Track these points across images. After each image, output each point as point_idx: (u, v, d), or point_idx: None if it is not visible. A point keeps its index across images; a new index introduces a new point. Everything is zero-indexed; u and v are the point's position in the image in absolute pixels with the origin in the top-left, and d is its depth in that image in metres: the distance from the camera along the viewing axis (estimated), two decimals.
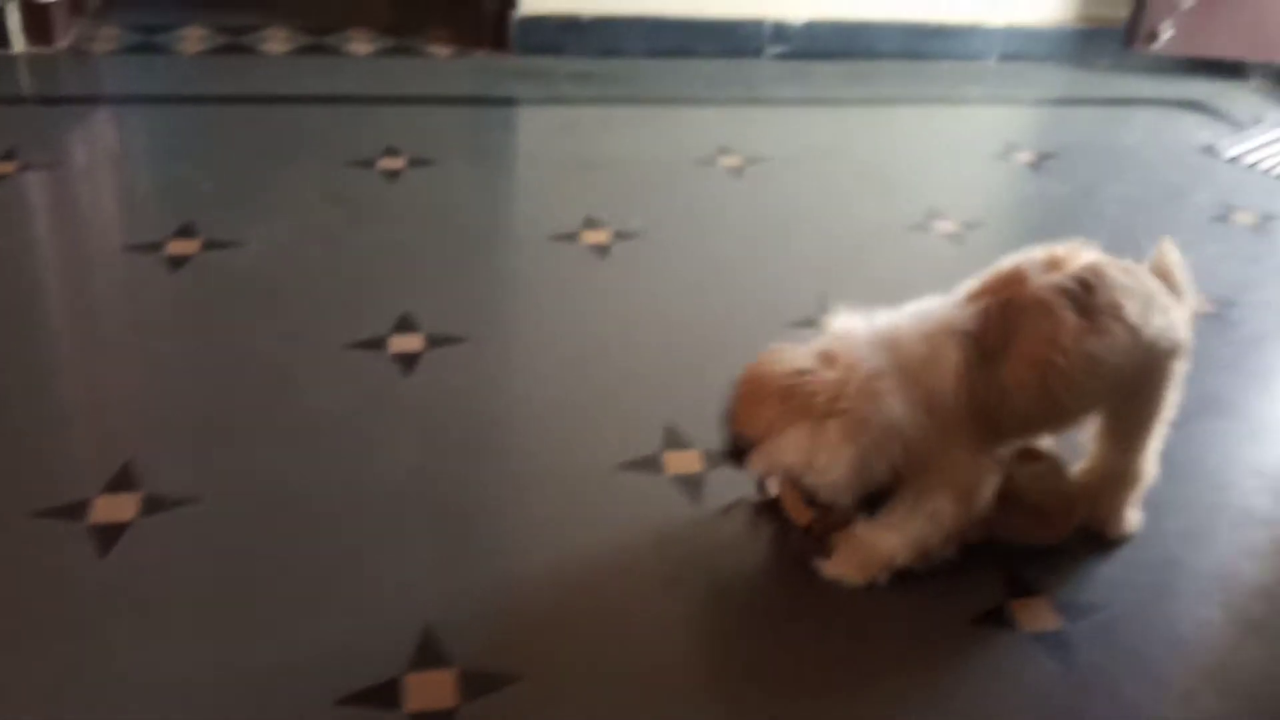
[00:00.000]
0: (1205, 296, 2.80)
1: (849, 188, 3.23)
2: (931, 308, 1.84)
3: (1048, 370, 1.75)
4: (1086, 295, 1.77)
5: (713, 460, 2.09)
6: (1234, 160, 3.64)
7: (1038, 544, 1.96)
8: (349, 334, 2.37)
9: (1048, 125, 3.91)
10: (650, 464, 2.10)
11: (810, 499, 1.88)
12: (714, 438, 2.12)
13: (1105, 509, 2.01)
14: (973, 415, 1.76)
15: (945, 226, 3.02)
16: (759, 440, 1.77)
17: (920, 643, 1.80)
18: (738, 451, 1.82)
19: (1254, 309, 2.79)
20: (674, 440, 2.15)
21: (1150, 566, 1.96)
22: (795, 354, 1.77)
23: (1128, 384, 1.87)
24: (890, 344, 1.76)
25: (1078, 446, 2.02)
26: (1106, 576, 1.93)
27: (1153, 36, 4.08)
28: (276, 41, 3.80)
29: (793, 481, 1.84)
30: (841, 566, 1.88)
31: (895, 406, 1.71)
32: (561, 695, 1.64)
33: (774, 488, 1.99)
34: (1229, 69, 4.32)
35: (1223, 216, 3.26)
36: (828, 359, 1.74)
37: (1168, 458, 2.19)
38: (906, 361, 1.75)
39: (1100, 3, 4.23)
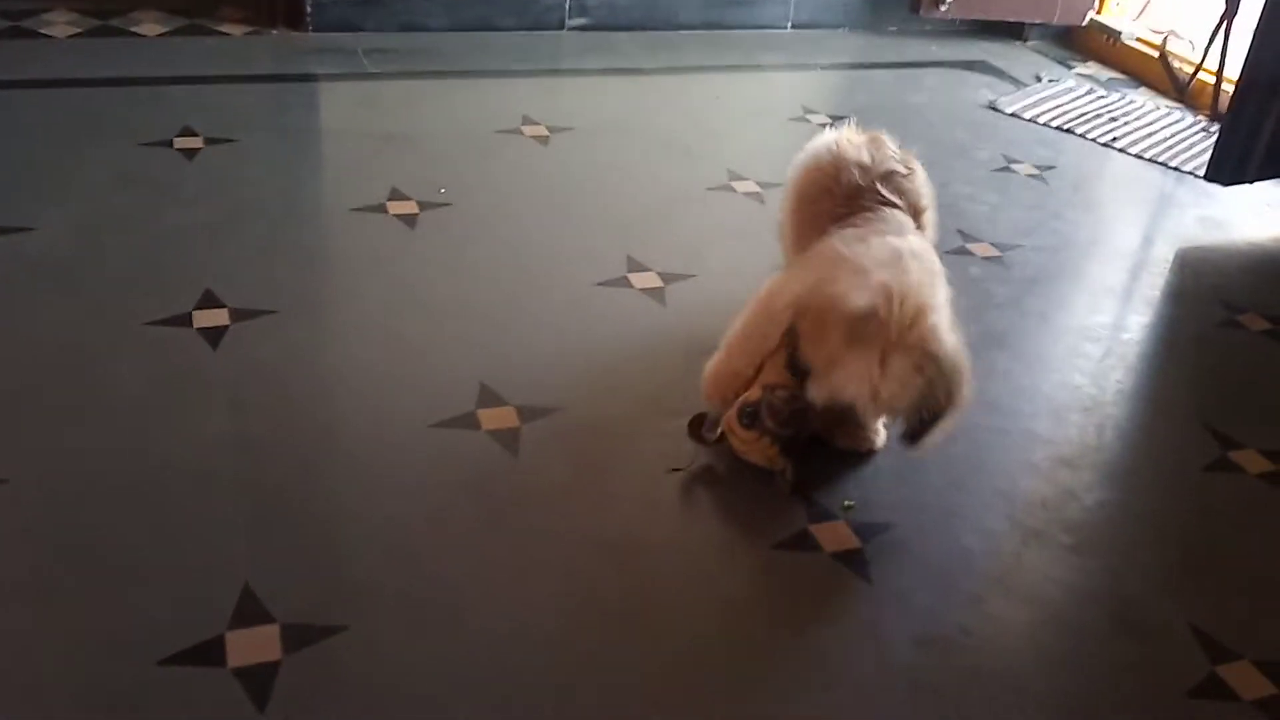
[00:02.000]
0: (987, 243, 3.00)
1: (652, 154, 3.31)
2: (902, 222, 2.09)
3: (927, 204, 2.27)
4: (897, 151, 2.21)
5: (526, 414, 2.16)
6: (1014, 116, 3.87)
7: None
8: (151, 312, 2.33)
9: (841, 89, 4.07)
10: (466, 420, 2.14)
11: (786, 446, 1.99)
12: (528, 393, 2.20)
13: None
14: None
15: (746, 187, 3.13)
16: (821, 369, 1.86)
17: (729, 566, 1.90)
18: (797, 373, 1.93)
19: (1031, 252, 2.98)
20: (488, 398, 2.20)
21: (937, 488, 2.11)
22: (855, 288, 1.84)
23: None
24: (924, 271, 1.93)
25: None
26: (898, 498, 2.07)
27: (937, 2, 4.28)
28: (61, 24, 3.67)
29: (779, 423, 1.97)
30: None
31: (952, 342, 1.86)
32: (383, 642, 1.66)
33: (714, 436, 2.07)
34: (1008, 30, 4.58)
35: (1004, 168, 3.47)
36: (888, 296, 1.82)
37: None
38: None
39: None
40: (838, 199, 2.13)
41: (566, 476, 2.05)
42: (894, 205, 2.10)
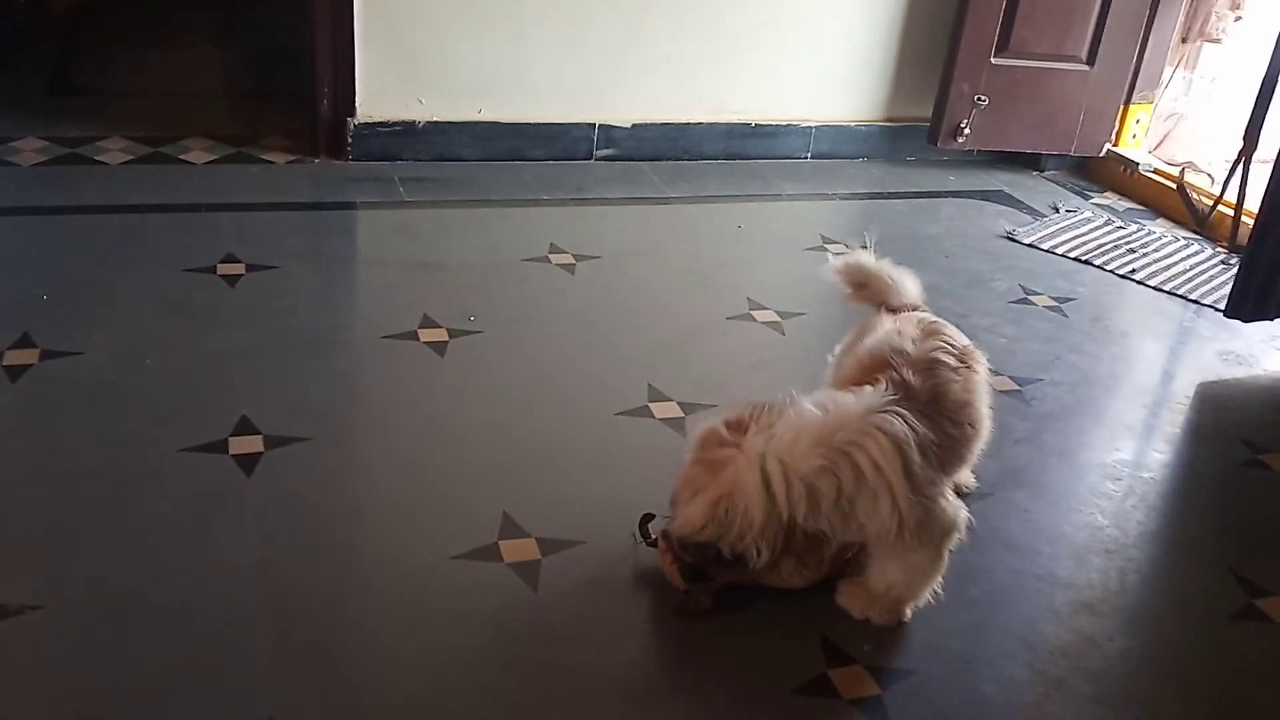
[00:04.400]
0: (1006, 376, 3.02)
1: (673, 282, 3.38)
2: (841, 399, 2.00)
3: (965, 409, 2.06)
4: (953, 347, 2.11)
5: (547, 547, 2.19)
6: (1032, 246, 3.93)
7: None
8: (189, 438, 2.39)
9: (860, 218, 4.15)
10: (489, 552, 2.17)
11: (693, 573, 2.04)
12: (550, 525, 2.24)
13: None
14: (941, 467, 1.99)
15: (766, 316, 3.18)
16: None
17: (748, 712, 1.90)
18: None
19: (1050, 386, 3.01)
20: (511, 529, 2.23)
21: (957, 632, 2.10)
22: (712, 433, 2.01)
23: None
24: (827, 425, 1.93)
25: None
26: (917, 643, 2.07)
27: (955, 133, 4.37)
28: (114, 151, 3.80)
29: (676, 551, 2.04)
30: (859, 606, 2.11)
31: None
32: None
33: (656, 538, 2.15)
34: (1025, 161, 4.67)
35: (1022, 300, 3.51)
36: (735, 428, 1.97)
37: (973, 528, 2.36)
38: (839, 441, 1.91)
39: (906, 103, 4.54)
40: (866, 368, 2.09)
41: (585, 613, 2.07)
42: (908, 386, 2.01)
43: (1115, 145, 4.60)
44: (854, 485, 1.89)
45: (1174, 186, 4.33)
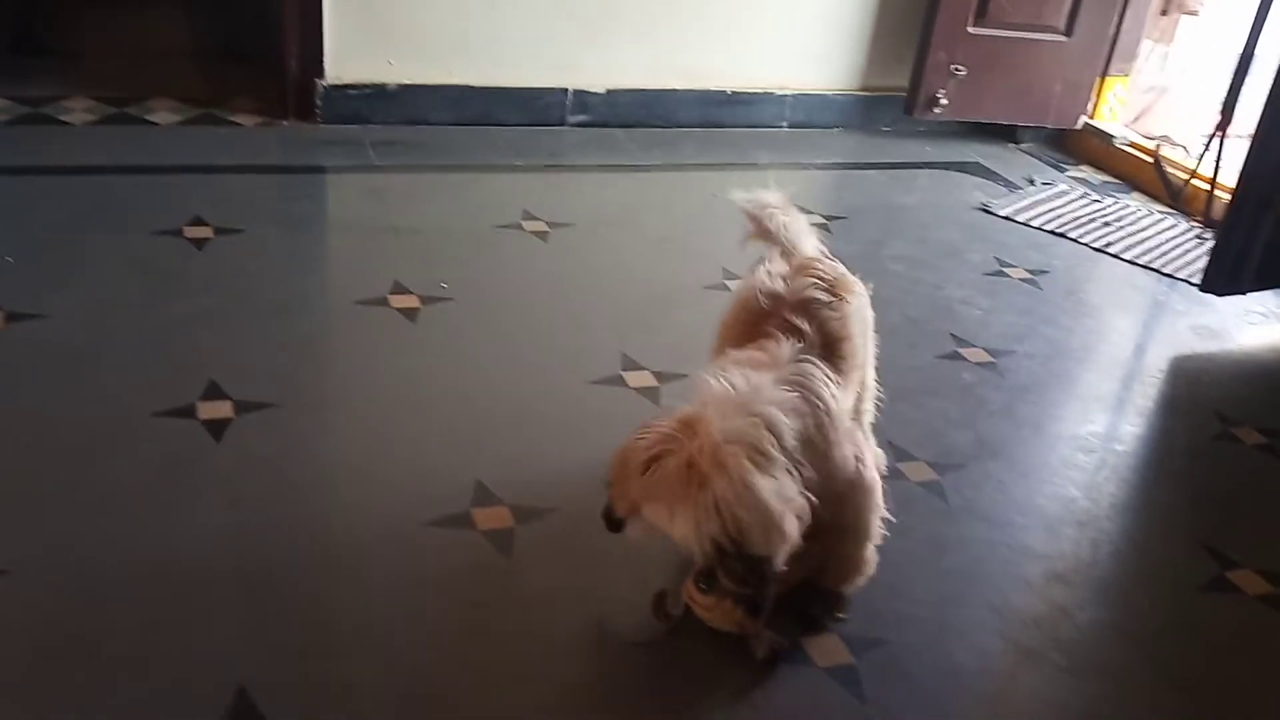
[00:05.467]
0: (980, 348, 3.02)
1: (648, 251, 3.36)
2: (756, 357, 1.92)
3: (843, 344, 2.02)
4: (824, 281, 2.06)
5: (519, 515, 2.17)
6: (1007, 218, 3.92)
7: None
8: (157, 402, 2.35)
9: (835, 188, 4.13)
10: (461, 520, 2.15)
11: (753, 606, 1.83)
12: (523, 492, 2.22)
13: None
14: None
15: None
16: (629, 514, 1.80)
17: (721, 680, 1.89)
18: (614, 524, 1.83)
19: (1024, 358, 3.00)
20: (483, 496, 2.21)
21: (931, 602, 2.10)
22: (659, 426, 1.79)
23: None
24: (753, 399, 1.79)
25: None
26: (891, 612, 2.06)
27: (931, 103, 4.35)
28: (78, 111, 3.72)
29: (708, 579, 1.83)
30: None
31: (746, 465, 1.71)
32: None
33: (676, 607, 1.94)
34: (1001, 132, 4.65)
35: (997, 272, 3.50)
36: (688, 427, 1.74)
37: (946, 499, 2.37)
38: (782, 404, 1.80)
39: (882, 73, 4.51)
40: (745, 324, 2.06)
41: (558, 580, 2.06)
42: (799, 332, 1.97)
43: (1092, 118, 4.59)
44: (814, 420, 1.82)
45: (1150, 160, 4.33)
